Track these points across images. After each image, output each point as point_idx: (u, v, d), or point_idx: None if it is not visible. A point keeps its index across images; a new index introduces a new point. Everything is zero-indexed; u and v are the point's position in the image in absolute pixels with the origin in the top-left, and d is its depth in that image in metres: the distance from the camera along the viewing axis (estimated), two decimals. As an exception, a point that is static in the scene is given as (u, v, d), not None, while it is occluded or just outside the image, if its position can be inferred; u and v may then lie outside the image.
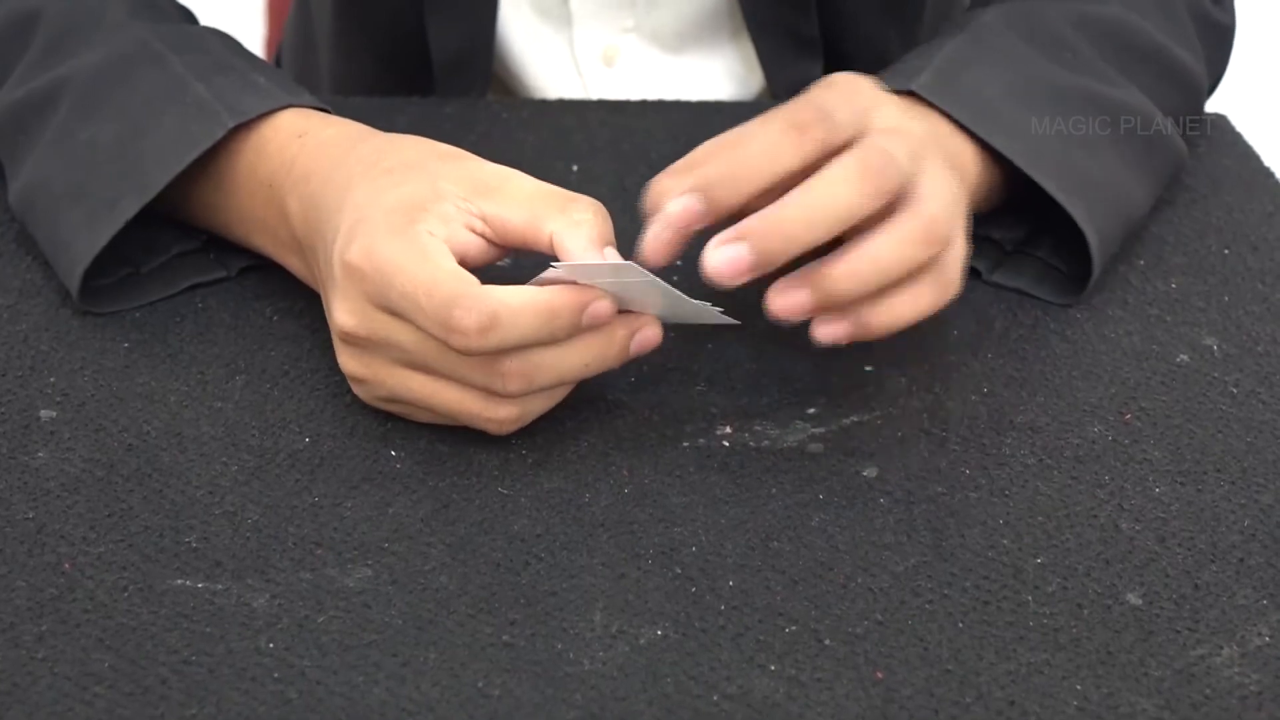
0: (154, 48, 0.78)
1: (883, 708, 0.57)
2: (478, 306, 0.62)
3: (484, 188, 0.67)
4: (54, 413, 0.70)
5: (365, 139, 0.72)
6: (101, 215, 0.74)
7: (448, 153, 0.70)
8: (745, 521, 0.65)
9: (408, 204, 0.66)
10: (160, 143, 0.74)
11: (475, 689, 0.58)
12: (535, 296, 0.64)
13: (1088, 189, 0.77)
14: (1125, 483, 0.68)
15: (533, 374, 0.65)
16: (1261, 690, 0.58)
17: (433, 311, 0.63)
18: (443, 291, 0.63)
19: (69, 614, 0.60)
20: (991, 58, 0.80)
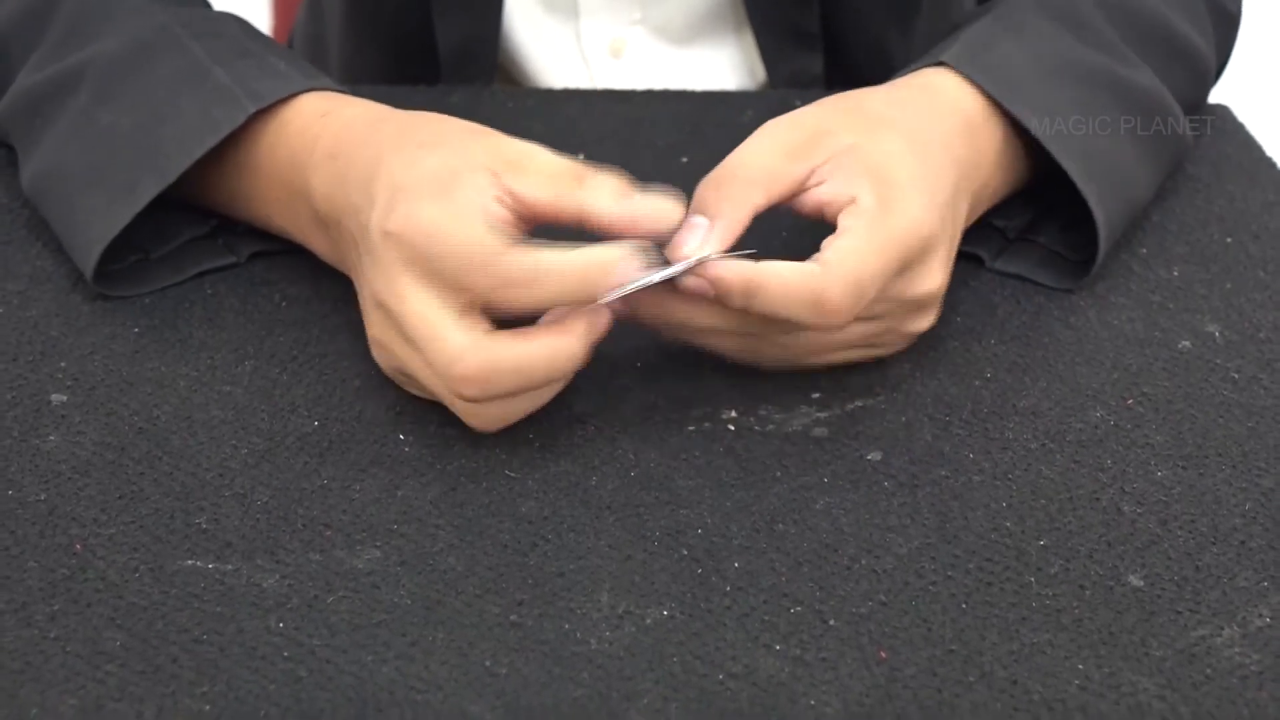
0: (174, 32, 0.78)
1: (886, 687, 0.58)
2: (514, 263, 0.63)
3: (510, 164, 0.67)
4: (65, 397, 0.70)
5: (390, 117, 0.73)
6: (120, 198, 0.74)
7: (473, 128, 0.70)
8: (750, 504, 0.66)
9: (445, 171, 0.66)
10: (180, 128, 0.75)
11: (483, 668, 0.58)
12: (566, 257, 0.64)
13: (1102, 172, 0.78)
14: (1127, 467, 0.68)
15: (494, 379, 0.64)
16: (1262, 670, 0.59)
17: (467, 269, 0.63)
18: (479, 249, 0.63)
19: (80, 594, 0.61)
20: (1019, 35, 0.80)
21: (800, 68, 1.01)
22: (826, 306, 0.66)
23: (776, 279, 0.66)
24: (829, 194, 0.68)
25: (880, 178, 0.68)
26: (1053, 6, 0.82)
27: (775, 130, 0.71)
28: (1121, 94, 0.81)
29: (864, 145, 0.69)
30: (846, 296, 0.66)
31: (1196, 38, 0.87)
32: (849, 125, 0.71)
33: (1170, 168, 0.86)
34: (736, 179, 0.68)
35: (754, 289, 0.66)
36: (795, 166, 0.69)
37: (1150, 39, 0.84)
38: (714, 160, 0.70)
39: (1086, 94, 0.79)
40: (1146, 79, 0.82)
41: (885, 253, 0.67)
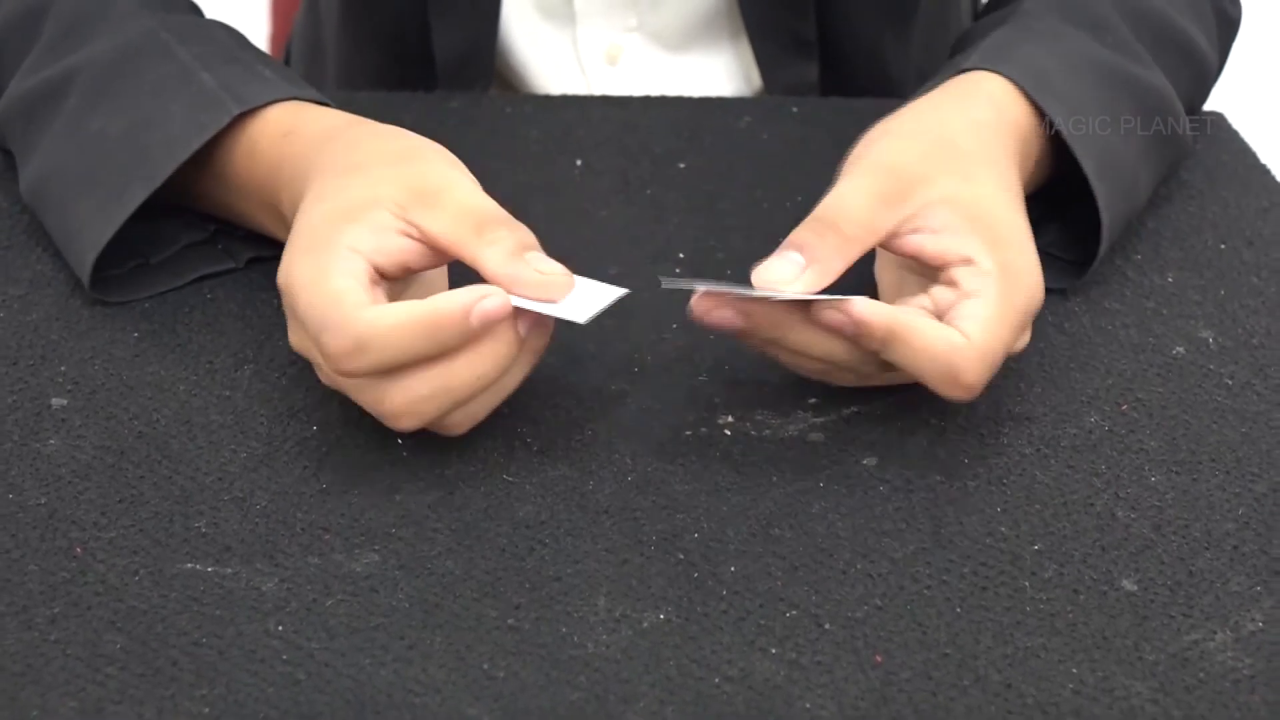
0: (162, 38, 0.79)
1: (881, 690, 0.58)
2: (343, 330, 0.62)
3: (423, 196, 0.66)
4: (65, 401, 0.71)
5: (338, 135, 0.72)
6: (111, 204, 0.74)
7: (404, 152, 0.69)
8: (747, 509, 0.66)
9: (337, 214, 0.65)
10: (167, 131, 0.75)
11: (481, 671, 0.59)
12: (410, 312, 0.62)
13: (1112, 173, 0.78)
14: (1121, 472, 0.69)
15: (420, 408, 0.64)
16: (1254, 675, 0.59)
17: (313, 332, 0.63)
18: (316, 315, 0.63)
19: (80, 597, 0.61)
20: (1041, 36, 0.81)
21: (796, 75, 1.02)
22: (961, 380, 0.65)
23: (920, 336, 0.65)
24: (938, 249, 0.67)
25: (992, 236, 0.67)
26: (1072, 10, 0.83)
27: (871, 175, 0.69)
28: (1137, 94, 0.81)
29: (962, 195, 0.68)
30: (984, 373, 0.65)
31: (1203, 41, 0.88)
32: (942, 168, 0.69)
33: (1170, 169, 0.86)
34: (839, 231, 0.67)
35: (895, 339, 0.65)
36: (891, 215, 0.68)
37: (1162, 41, 0.85)
38: (710, 166, 0.70)
39: (1111, 96, 0.80)
40: (1158, 80, 0.83)
41: (1015, 326, 0.67)
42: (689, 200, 0.86)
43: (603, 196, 0.87)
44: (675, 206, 0.86)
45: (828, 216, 0.68)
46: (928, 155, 0.70)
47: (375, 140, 0.71)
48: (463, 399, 0.65)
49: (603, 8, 1.02)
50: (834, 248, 0.67)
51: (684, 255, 0.81)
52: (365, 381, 0.64)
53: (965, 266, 0.67)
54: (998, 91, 0.76)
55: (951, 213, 0.68)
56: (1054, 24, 0.82)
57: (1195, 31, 0.87)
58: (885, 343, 0.65)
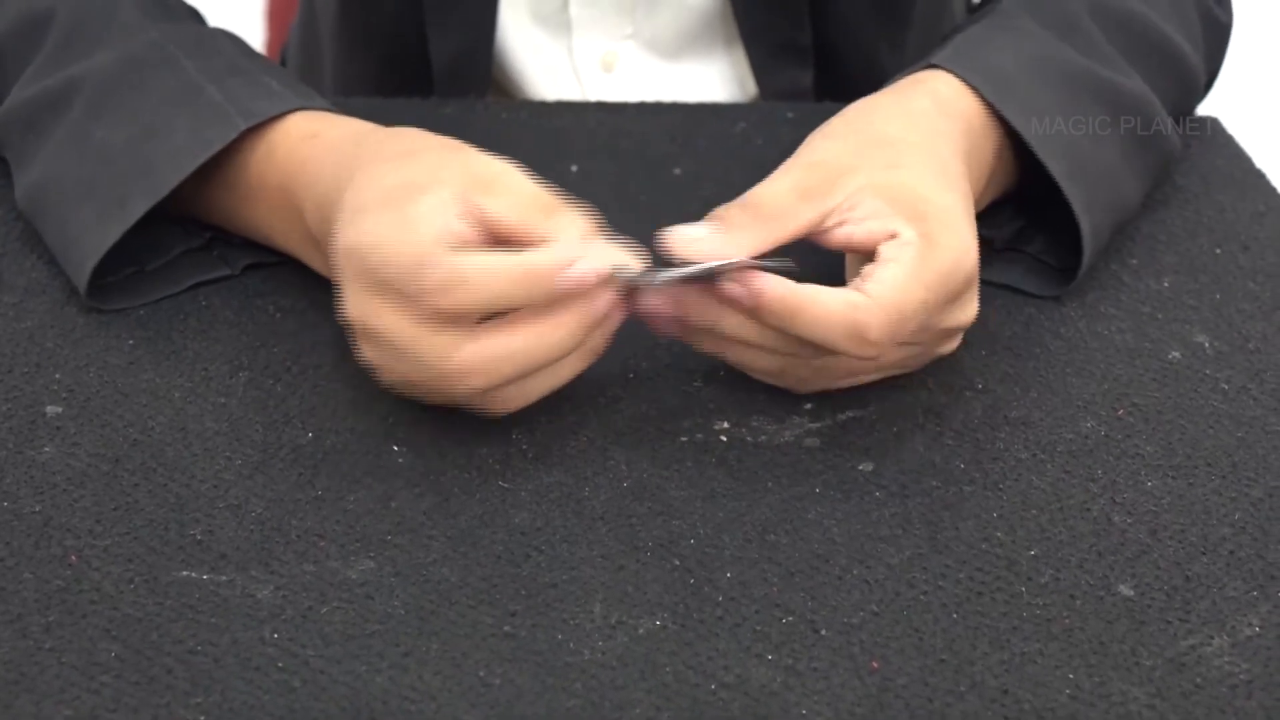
0: (167, 50, 0.79)
1: (878, 696, 0.58)
2: (445, 264, 0.63)
3: (482, 182, 0.67)
4: (60, 408, 0.71)
5: (370, 134, 0.73)
6: (112, 214, 0.74)
7: (450, 144, 0.70)
8: (743, 515, 0.66)
9: (406, 185, 0.66)
10: (172, 144, 0.75)
11: (476, 678, 0.59)
12: (507, 259, 0.63)
13: (1088, 178, 0.78)
14: (1117, 477, 0.69)
15: (492, 366, 0.65)
16: (1251, 679, 0.59)
17: (405, 273, 0.63)
18: (408, 255, 0.63)
19: (75, 605, 0.61)
20: (1010, 37, 0.81)
21: (791, 81, 1.02)
22: (867, 336, 0.66)
23: (817, 304, 0.66)
24: (865, 235, 0.68)
25: (915, 213, 0.68)
26: (1044, 12, 0.83)
27: (796, 170, 0.70)
28: (1110, 99, 0.81)
29: (885, 180, 0.69)
30: (887, 328, 0.66)
31: (1185, 45, 0.87)
32: (868, 159, 0.70)
33: (1158, 174, 0.86)
34: (757, 211, 0.68)
35: (794, 310, 0.66)
36: (810, 207, 0.68)
37: (1140, 45, 0.85)
38: (705, 172, 0.70)
39: (1074, 98, 0.80)
40: (1135, 85, 0.83)
41: (931, 286, 0.67)
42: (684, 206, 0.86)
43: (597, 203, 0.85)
44: (670, 212, 0.85)
45: (749, 200, 0.69)
46: (854, 150, 0.71)
47: (411, 137, 0.71)
48: (532, 366, 0.66)
49: (598, 16, 1.02)
50: (748, 222, 0.68)
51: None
52: (441, 336, 0.64)
53: (889, 241, 0.68)
54: (943, 88, 0.77)
55: (875, 198, 0.68)
56: (1024, 24, 0.82)
57: (1177, 35, 0.87)
58: (786, 316, 0.66)
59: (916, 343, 0.70)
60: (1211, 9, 0.92)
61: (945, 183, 0.70)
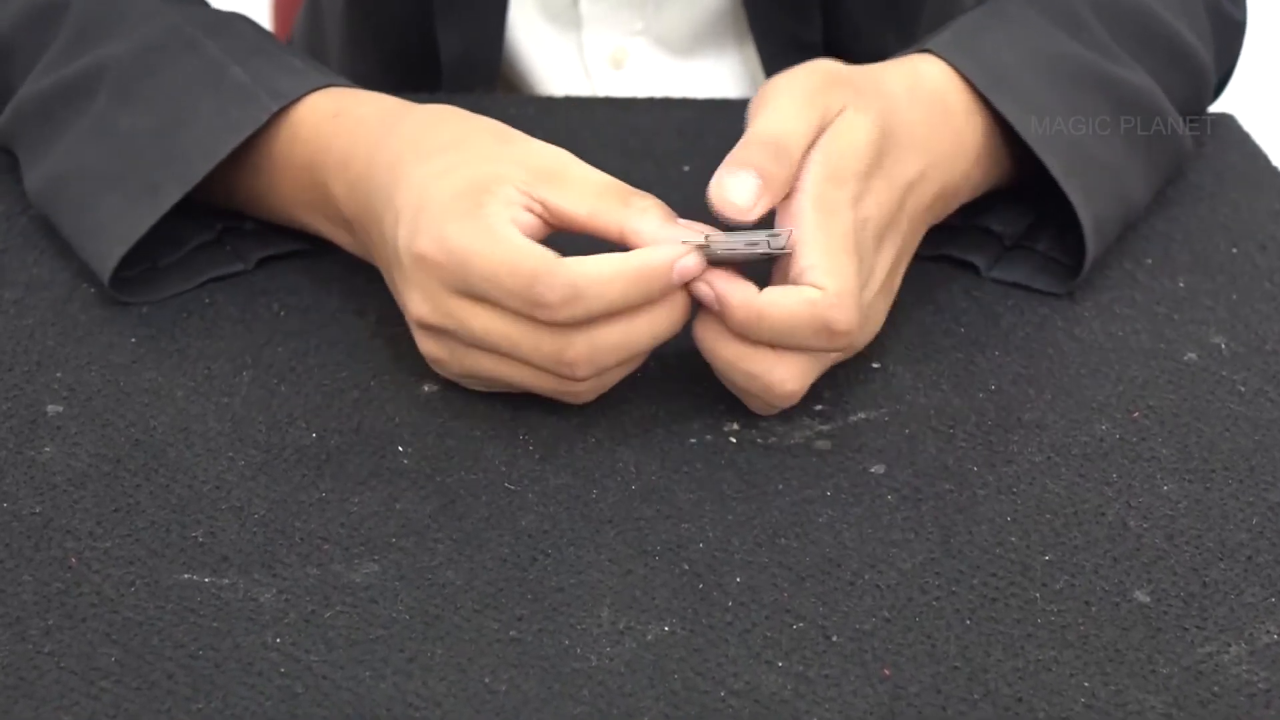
0: (187, 32, 0.78)
1: (890, 705, 0.57)
2: (561, 278, 0.63)
3: (544, 174, 0.67)
4: (60, 407, 0.70)
5: (405, 115, 0.72)
6: (142, 201, 0.74)
7: (498, 131, 0.70)
8: (752, 518, 0.65)
9: (471, 186, 0.66)
10: (201, 129, 0.75)
11: (482, 684, 0.58)
12: (622, 264, 0.64)
13: (1088, 171, 0.77)
14: (1133, 480, 0.68)
15: (599, 358, 0.65)
16: (1270, 688, 0.58)
17: (517, 289, 0.63)
18: (525, 268, 0.63)
19: (75, 608, 0.60)
20: (1008, 27, 0.80)
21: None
22: (837, 328, 0.65)
23: (775, 307, 0.65)
24: None
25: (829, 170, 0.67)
26: (1046, 3, 0.82)
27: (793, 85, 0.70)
28: (1112, 93, 0.80)
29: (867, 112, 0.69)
30: (854, 312, 0.65)
31: (1193, 39, 0.86)
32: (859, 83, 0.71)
33: (1167, 170, 0.85)
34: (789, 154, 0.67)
35: (759, 318, 0.65)
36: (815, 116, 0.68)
37: (1144, 40, 0.84)
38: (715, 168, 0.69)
39: (1074, 91, 0.79)
40: (1139, 79, 0.82)
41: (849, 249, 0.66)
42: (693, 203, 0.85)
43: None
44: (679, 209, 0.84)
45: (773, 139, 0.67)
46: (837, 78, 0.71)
47: (458, 119, 0.71)
48: (638, 353, 0.67)
49: (608, 11, 1.01)
50: (785, 178, 0.67)
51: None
52: (552, 337, 0.64)
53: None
54: (927, 70, 0.76)
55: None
56: (1025, 14, 0.81)
57: (1186, 31, 0.86)
58: (748, 323, 0.65)
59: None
60: (1223, 5, 0.91)
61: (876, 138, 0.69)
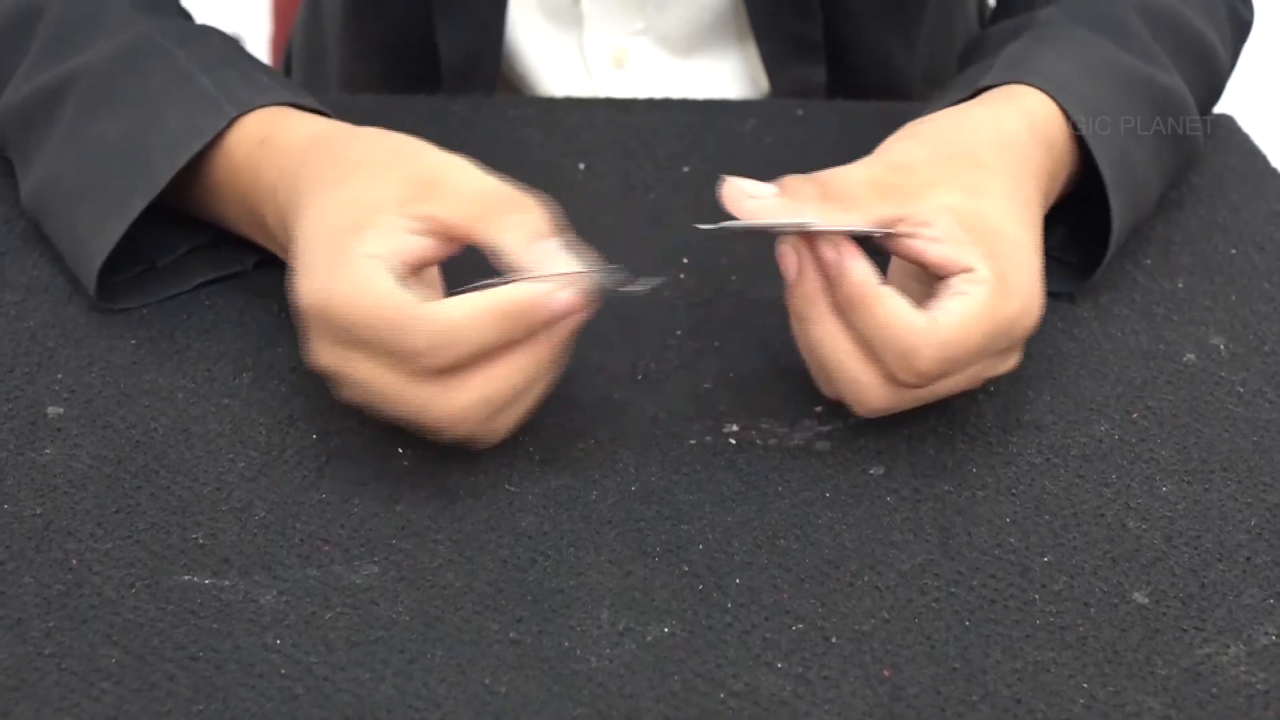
0: (158, 42, 0.78)
1: (889, 705, 0.57)
2: (422, 325, 0.61)
3: (425, 187, 0.65)
4: (61, 409, 0.70)
5: (319, 144, 0.70)
6: (112, 212, 0.73)
7: (397, 149, 0.68)
8: (752, 519, 0.65)
9: (345, 224, 0.64)
10: (166, 136, 0.74)
11: (482, 686, 0.58)
12: (482, 303, 0.62)
13: (1128, 180, 0.77)
14: (1132, 481, 0.68)
15: (488, 404, 0.64)
16: (1268, 689, 0.58)
17: (385, 340, 0.62)
18: (388, 318, 0.62)
19: (76, 610, 0.60)
20: (1061, 46, 0.80)
21: (803, 78, 1.01)
22: (915, 364, 0.64)
23: (886, 307, 0.64)
24: (939, 256, 0.66)
25: (991, 249, 0.66)
26: (1093, 16, 0.82)
27: (872, 165, 0.69)
28: (1158, 99, 0.80)
29: (964, 207, 0.67)
30: (939, 361, 0.64)
31: (1217, 43, 0.87)
32: (951, 177, 0.68)
33: (1178, 173, 0.86)
34: (824, 188, 0.67)
35: (866, 301, 0.64)
36: (880, 207, 0.67)
37: (1179, 43, 0.84)
38: (715, 169, 0.69)
39: (1129, 101, 0.79)
40: (1177, 85, 0.82)
41: (991, 333, 0.65)
42: (693, 204, 0.85)
43: (606, 200, 0.86)
44: (679, 211, 0.85)
45: (820, 176, 0.67)
46: (939, 162, 0.69)
47: (360, 144, 0.69)
48: (518, 395, 0.65)
49: (609, 11, 1.01)
50: (812, 196, 0.66)
51: (688, 260, 0.81)
52: (427, 387, 0.63)
53: (964, 274, 0.66)
54: (1038, 109, 0.75)
55: (953, 222, 0.66)
56: (1074, 30, 0.81)
57: (1211, 33, 0.86)
58: (853, 303, 0.65)
59: (965, 381, 0.68)
60: (1237, 7, 0.91)
61: (1024, 219, 0.69)
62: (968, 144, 0.71)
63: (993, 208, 0.68)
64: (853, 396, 0.67)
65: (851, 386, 0.67)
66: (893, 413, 0.68)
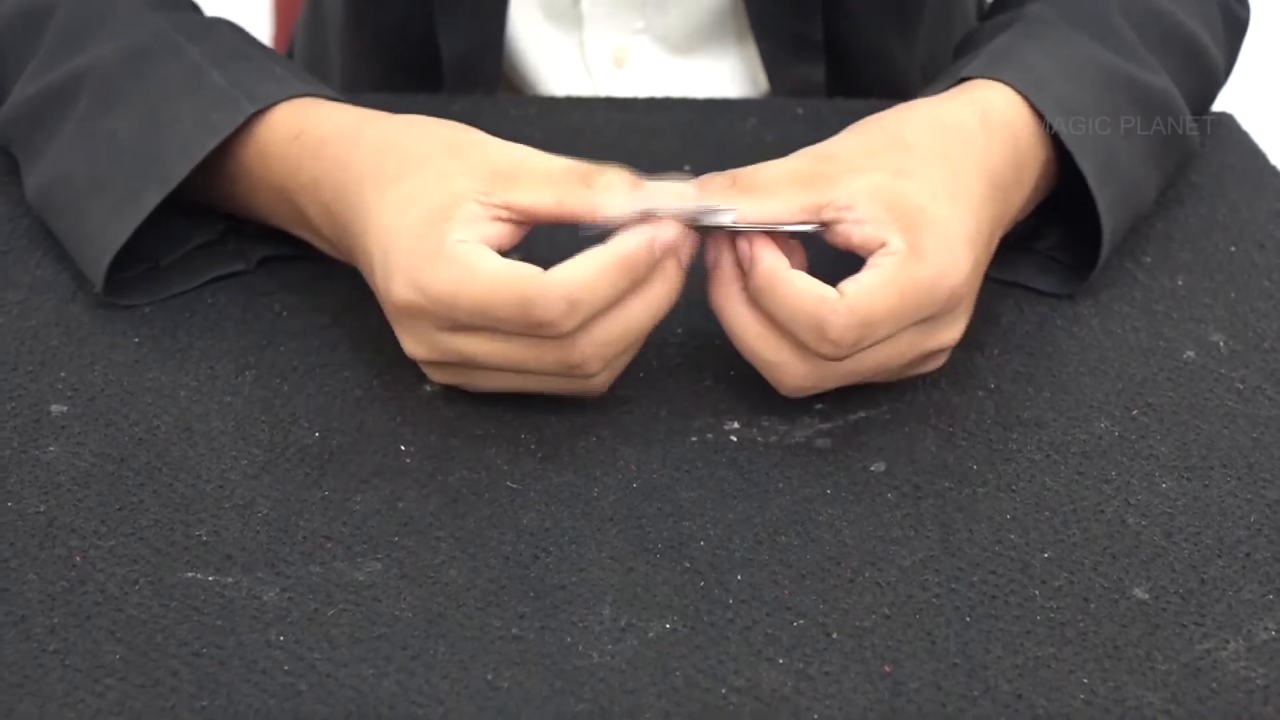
0: (171, 37, 0.78)
1: (890, 701, 0.58)
2: (554, 294, 0.63)
3: (501, 177, 0.67)
4: (65, 407, 0.70)
5: (360, 137, 0.71)
6: (125, 207, 0.74)
7: (453, 142, 0.70)
8: (753, 516, 0.65)
9: (432, 216, 0.66)
10: (180, 132, 0.74)
11: (484, 682, 0.58)
12: (603, 261, 0.64)
13: (1115, 179, 0.77)
14: (1132, 478, 0.68)
15: (605, 352, 0.66)
16: (1268, 684, 0.58)
17: (512, 316, 0.64)
18: (514, 296, 0.63)
19: (80, 606, 0.60)
20: (1041, 42, 0.80)
21: (803, 77, 1.01)
22: (827, 334, 0.65)
23: (791, 286, 0.66)
24: (862, 237, 0.67)
25: (908, 223, 0.67)
26: (1076, 13, 0.82)
27: (798, 157, 0.70)
28: (1140, 99, 0.80)
29: (886, 187, 0.68)
30: (849, 330, 0.65)
31: (1208, 42, 0.87)
32: (878, 161, 0.69)
33: (1175, 172, 0.86)
34: (748, 184, 0.69)
35: (772, 285, 0.66)
36: (800, 195, 0.68)
37: (1167, 42, 0.84)
38: (715, 168, 0.70)
39: (1109, 98, 0.79)
40: (1163, 83, 0.82)
41: (907, 297, 0.66)
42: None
43: (607, 199, 0.86)
44: (680, 209, 0.85)
45: (739, 173, 0.69)
46: (868, 149, 0.70)
47: (411, 136, 0.71)
48: (642, 333, 0.67)
49: (609, 10, 1.01)
50: (730, 194, 0.68)
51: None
52: (555, 347, 0.65)
53: (880, 249, 0.67)
54: (996, 98, 0.75)
55: (873, 202, 0.68)
56: (1058, 27, 0.81)
57: (1202, 32, 0.86)
58: (763, 288, 0.67)
59: (895, 353, 0.68)
60: (1232, 5, 0.91)
61: (952, 196, 0.69)
62: (898, 130, 0.72)
63: (914, 186, 0.68)
64: (774, 378, 0.69)
65: (771, 369, 0.69)
66: (820, 390, 0.69)
